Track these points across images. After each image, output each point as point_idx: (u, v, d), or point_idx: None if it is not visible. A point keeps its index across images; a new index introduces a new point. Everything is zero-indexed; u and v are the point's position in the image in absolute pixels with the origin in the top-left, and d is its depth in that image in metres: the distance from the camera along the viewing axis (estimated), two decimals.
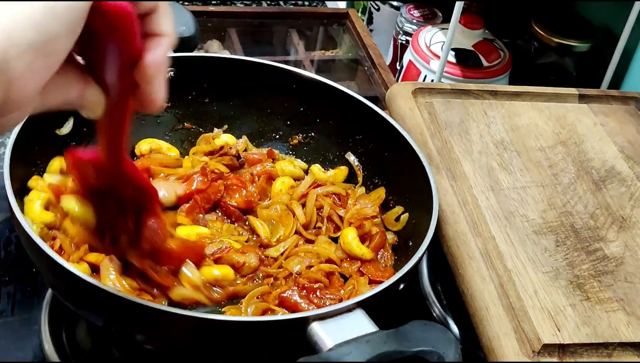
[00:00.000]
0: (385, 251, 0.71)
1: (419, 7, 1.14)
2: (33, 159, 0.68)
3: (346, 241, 0.70)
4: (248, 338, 0.54)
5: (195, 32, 0.84)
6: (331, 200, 0.74)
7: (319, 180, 0.77)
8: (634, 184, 0.76)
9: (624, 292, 0.63)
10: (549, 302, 0.61)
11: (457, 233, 0.67)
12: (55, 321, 0.68)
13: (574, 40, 0.99)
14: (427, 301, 0.73)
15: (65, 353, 0.66)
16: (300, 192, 0.75)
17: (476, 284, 0.62)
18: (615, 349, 0.59)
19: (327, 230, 0.73)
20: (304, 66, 1.13)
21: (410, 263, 0.59)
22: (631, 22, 0.93)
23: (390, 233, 0.74)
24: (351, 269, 0.69)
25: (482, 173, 0.73)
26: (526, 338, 0.58)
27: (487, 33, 1.04)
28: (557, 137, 0.80)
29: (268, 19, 1.18)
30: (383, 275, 0.67)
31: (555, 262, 0.65)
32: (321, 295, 0.63)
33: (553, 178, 0.74)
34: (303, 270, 0.67)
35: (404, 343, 0.49)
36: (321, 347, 0.51)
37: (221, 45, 1.11)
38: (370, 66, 1.09)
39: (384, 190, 0.77)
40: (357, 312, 0.54)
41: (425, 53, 1.01)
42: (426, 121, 0.79)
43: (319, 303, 0.62)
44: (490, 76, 0.99)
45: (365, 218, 0.73)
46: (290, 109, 0.82)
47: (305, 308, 0.62)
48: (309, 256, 0.69)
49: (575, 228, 0.69)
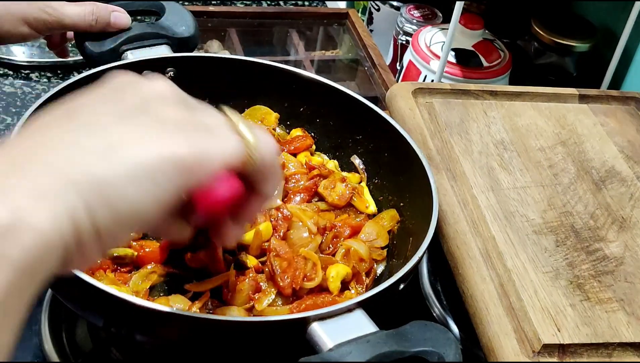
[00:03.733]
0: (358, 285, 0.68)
1: (419, 7, 1.14)
2: None
3: (328, 276, 0.65)
4: (248, 338, 0.54)
5: (195, 32, 0.84)
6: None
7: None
8: (634, 184, 0.76)
9: (624, 292, 0.63)
10: (549, 302, 0.61)
11: (457, 233, 0.67)
12: (55, 321, 0.68)
13: (574, 41, 0.99)
14: (427, 301, 0.73)
15: (65, 353, 0.66)
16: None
17: (476, 284, 0.62)
18: (615, 349, 0.59)
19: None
20: (304, 66, 1.13)
21: (410, 263, 0.59)
22: (631, 22, 0.93)
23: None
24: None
25: (482, 173, 0.73)
26: (526, 338, 0.58)
27: (487, 33, 1.04)
28: (557, 137, 0.80)
29: (268, 19, 1.18)
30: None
31: (555, 262, 0.65)
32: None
33: (553, 178, 0.74)
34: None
35: (404, 344, 0.49)
36: (321, 347, 0.51)
37: (221, 45, 1.11)
38: (370, 66, 1.09)
39: (396, 213, 0.74)
40: (357, 312, 0.54)
41: (425, 53, 1.01)
42: (426, 121, 0.79)
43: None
44: (490, 76, 0.99)
45: (365, 259, 0.69)
46: (290, 109, 0.82)
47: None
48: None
49: (575, 228, 0.69)
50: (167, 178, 0.39)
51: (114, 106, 0.41)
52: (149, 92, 0.42)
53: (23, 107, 0.99)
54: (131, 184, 0.37)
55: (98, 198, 0.36)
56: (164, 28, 0.81)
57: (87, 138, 0.38)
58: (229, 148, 0.43)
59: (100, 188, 0.36)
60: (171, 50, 0.80)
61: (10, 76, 1.04)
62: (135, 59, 0.76)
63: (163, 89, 0.43)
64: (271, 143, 0.46)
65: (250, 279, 0.64)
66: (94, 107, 0.41)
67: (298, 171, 0.77)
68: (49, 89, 0.80)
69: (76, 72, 1.07)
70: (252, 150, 0.44)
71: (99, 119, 0.39)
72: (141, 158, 0.38)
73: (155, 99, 0.42)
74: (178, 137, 0.40)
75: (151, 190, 0.38)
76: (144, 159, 0.38)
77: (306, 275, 0.65)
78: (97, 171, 0.37)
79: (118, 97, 0.42)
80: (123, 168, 0.37)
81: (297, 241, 0.69)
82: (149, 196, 0.38)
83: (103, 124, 0.39)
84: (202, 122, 0.43)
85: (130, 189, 0.37)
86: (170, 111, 0.42)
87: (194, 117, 0.43)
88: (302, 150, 0.80)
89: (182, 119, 0.42)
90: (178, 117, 0.41)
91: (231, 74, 0.80)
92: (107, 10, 0.79)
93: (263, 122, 0.81)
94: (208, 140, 0.42)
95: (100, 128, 0.39)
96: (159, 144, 0.39)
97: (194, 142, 0.40)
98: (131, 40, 0.79)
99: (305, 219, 0.70)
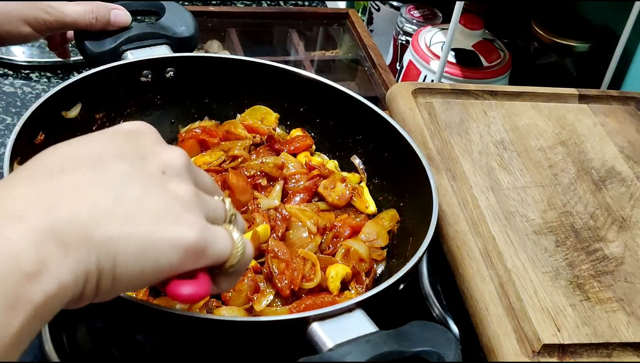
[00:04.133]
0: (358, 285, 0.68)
1: (419, 7, 1.14)
2: None
3: (328, 276, 0.65)
4: (248, 338, 0.54)
5: (195, 32, 0.84)
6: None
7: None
8: (634, 184, 0.76)
9: (624, 292, 0.63)
10: (549, 302, 0.61)
11: (457, 233, 0.67)
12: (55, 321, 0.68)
13: (574, 41, 0.99)
14: (427, 301, 0.73)
15: (65, 353, 0.66)
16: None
17: (476, 284, 0.62)
18: (615, 349, 0.59)
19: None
20: (304, 66, 1.13)
21: (410, 263, 0.59)
22: (631, 22, 0.92)
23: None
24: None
25: (482, 173, 0.73)
26: (526, 338, 0.58)
27: (487, 33, 1.04)
28: (557, 137, 0.80)
29: (268, 19, 1.18)
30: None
31: (555, 262, 0.65)
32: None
33: (553, 178, 0.74)
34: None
35: (404, 344, 0.49)
36: (321, 347, 0.51)
37: (221, 45, 1.11)
38: (370, 66, 1.09)
39: (396, 213, 0.74)
40: (357, 312, 0.54)
41: (425, 53, 1.01)
42: (426, 121, 0.79)
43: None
44: (490, 76, 0.99)
45: (364, 259, 0.69)
46: (290, 109, 0.82)
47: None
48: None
49: (575, 228, 0.69)
50: (169, 261, 0.41)
51: (136, 169, 0.42)
52: (167, 162, 0.44)
53: (23, 107, 0.99)
54: (139, 259, 0.40)
55: (108, 262, 0.39)
56: (164, 28, 0.81)
57: (111, 199, 0.40)
58: (224, 247, 0.45)
59: (114, 255, 0.39)
60: (171, 50, 0.80)
61: (10, 76, 1.04)
62: (135, 59, 0.76)
63: (180, 161, 0.45)
64: (251, 254, 0.48)
65: (249, 279, 0.64)
66: (117, 163, 0.42)
67: (298, 171, 0.77)
68: (49, 89, 0.80)
69: (76, 72, 1.07)
70: (236, 256, 0.46)
71: (123, 180, 0.41)
72: (156, 236, 0.41)
73: (173, 172, 0.44)
74: (189, 222, 0.42)
75: (151, 267, 0.41)
76: (158, 240, 0.41)
77: (305, 276, 0.65)
78: (115, 236, 0.39)
79: (139, 157, 0.43)
80: (138, 242, 0.40)
81: (296, 242, 0.69)
82: (146, 272, 0.41)
83: (126, 187, 0.41)
84: (209, 206, 0.45)
85: (135, 263, 0.40)
86: (184, 188, 0.44)
87: (201, 200, 0.45)
88: (302, 150, 0.80)
89: (193, 200, 0.44)
90: (190, 197, 0.44)
91: (231, 74, 0.80)
92: (107, 9, 0.79)
93: (263, 123, 0.81)
94: (211, 234, 0.44)
95: (123, 192, 0.41)
96: (173, 229, 0.41)
97: (200, 233, 0.42)
98: (131, 40, 0.79)
99: (304, 220, 0.70)
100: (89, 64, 0.78)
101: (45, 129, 0.68)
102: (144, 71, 0.76)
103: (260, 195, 0.73)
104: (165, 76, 0.77)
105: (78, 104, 0.72)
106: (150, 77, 0.76)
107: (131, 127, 0.46)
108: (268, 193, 0.74)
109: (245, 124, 0.80)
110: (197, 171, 0.47)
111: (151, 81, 0.77)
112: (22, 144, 0.63)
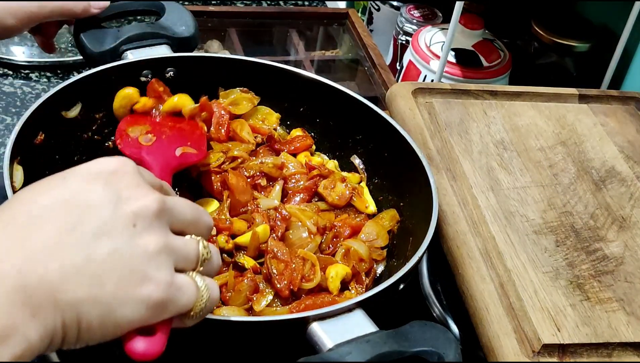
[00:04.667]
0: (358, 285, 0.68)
1: (419, 7, 1.14)
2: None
3: (328, 276, 0.65)
4: (248, 338, 0.54)
5: (195, 32, 0.84)
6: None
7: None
8: (634, 184, 0.76)
9: (624, 292, 0.63)
10: (549, 302, 0.61)
11: (457, 233, 0.67)
12: None
13: (574, 41, 0.99)
14: (427, 301, 0.73)
15: (65, 353, 0.66)
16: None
17: (476, 284, 0.62)
18: (615, 349, 0.59)
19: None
20: (304, 66, 1.13)
21: (410, 263, 0.59)
22: (631, 22, 0.92)
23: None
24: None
25: (482, 173, 0.73)
26: (526, 338, 0.58)
27: (487, 33, 1.04)
28: (557, 137, 0.80)
29: (268, 19, 1.18)
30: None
31: (555, 262, 0.65)
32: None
33: (553, 178, 0.74)
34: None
35: (403, 344, 0.49)
36: (321, 347, 0.51)
37: (221, 45, 1.11)
38: (370, 66, 1.09)
39: (396, 213, 0.74)
40: (357, 312, 0.54)
41: (425, 53, 1.01)
42: (426, 121, 0.79)
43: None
44: (490, 76, 0.99)
45: (364, 259, 0.69)
46: (290, 109, 0.82)
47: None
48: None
49: (575, 228, 0.69)
50: (131, 319, 0.43)
51: (108, 223, 0.43)
52: (139, 212, 0.44)
53: (23, 107, 0.99)
54: (102, 319, 0.42)
55: (73, 323, 0.41)
56: (164, 28, 0.81)
57: (81, 257, 0.41)
58: (188, 299, 0.45)
59: (78, 317, 0.41)
60: (171, 50, 0.80)
61: (10, 76, 1.04)
62: (135, 59, 0.76)
63: (153, 209, 0.44)
64: (216, 298, 0.48)
65: (248, 280, 0.64)
66: (90, 214, 0.43)
67: (298, 171, 0.77)
68: (49, 89, 0.80)
69: (76, 72, 1.07)
70: (199, 305, 0.46)
71: (94, 234, 0.42)
72: (120, 298, 0.42)
73: (144, 223, 0.44)
74: (155, 281, 0.43)
75: (113, 325, 0.42)
76: (122, 301, 0.42)
77: (304, 276, 0.65)
78: (81, 299, 0.41)
79: (113, 205, 0.43)
80: (103, 305, 0.41)
81: (296, 242, 0.69)
82: (108, 330, 0.42)
83: (97, 243, 0.42)
84: (179, 255, 0.45)
85: (98, 323, 0.42)
86: (154, 241, 0.44)
87: (171, 250, 0.45)
88: (302, 150, 0.80)
89: (162, 253, 0.44)
90: (159, 252, 0.44)
91: (231, 74, 0.80)
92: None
93: (264, 123, 0.81)
94: (176, 289, 0.44)
95: (93, 250, 0.42)
96: (137, 290, 0.42)
97: (164, 291, 0.43)
98: (131, 40, 0.79)
99: (304, 220, 0.70)
100: (88, 64, 0.78)
101: (45, 129, 0.68)
102: (144, 71, 0.76)
103: (260, 195, 0.73)
104: (165, 76, 0.77)
105: (78, 104, 0.72)
106: (150, 77, 0.76)
107: (110, 167, 0.45)
108: (268, 193, 0.74)
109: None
110: (173, 209, 0.46)
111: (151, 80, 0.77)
112: (22, 144, 0.63)
